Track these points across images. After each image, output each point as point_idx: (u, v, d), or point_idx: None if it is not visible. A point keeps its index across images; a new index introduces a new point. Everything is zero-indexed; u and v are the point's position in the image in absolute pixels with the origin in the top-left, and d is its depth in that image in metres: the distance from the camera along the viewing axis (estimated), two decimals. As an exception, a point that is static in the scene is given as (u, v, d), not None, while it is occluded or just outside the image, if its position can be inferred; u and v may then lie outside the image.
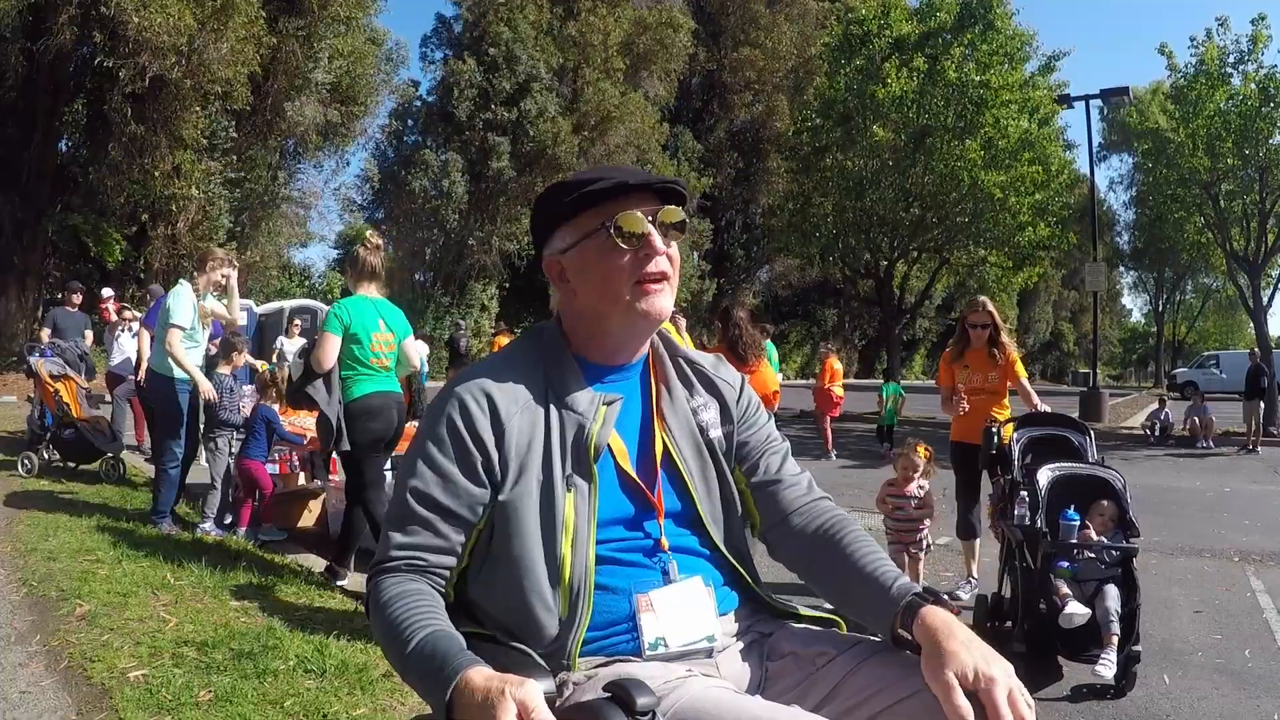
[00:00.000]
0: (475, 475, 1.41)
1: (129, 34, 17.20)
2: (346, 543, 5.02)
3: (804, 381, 32.07)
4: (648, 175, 1.48)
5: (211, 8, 18.27)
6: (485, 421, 1.43)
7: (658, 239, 1.45)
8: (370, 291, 5.02)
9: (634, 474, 1.49)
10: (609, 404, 1.48)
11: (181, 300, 6.01)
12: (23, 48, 18.31)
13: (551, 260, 1.53)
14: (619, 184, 1.43)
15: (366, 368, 4.85)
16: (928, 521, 5.23)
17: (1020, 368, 5.52)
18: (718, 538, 1.53)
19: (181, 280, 6.30)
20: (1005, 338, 5.54)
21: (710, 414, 1.60)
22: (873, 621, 1.41)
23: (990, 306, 5.64)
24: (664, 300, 1.47)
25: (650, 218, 1.45)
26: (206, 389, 6.05)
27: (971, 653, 1.21)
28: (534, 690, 1.13)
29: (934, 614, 1.29)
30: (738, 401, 1.66)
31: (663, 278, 1.47)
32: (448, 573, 1.43)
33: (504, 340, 15.74)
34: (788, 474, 1.63)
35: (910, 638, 1.30)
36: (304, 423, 6.53)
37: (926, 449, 5.31)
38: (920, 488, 5.19)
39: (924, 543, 5.18)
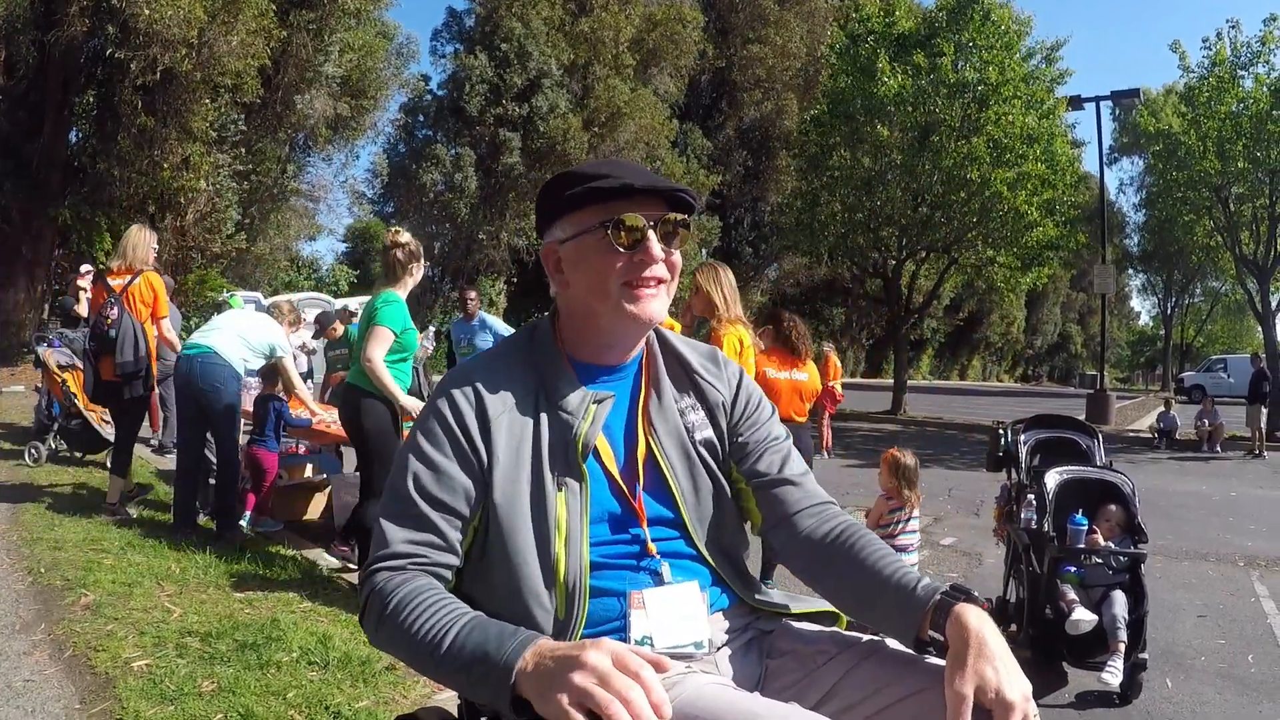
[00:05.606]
0: (468, 466, 1.41)
1: (140, 26, 17.20)
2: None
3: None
4: (657, 180, 1.47)
5: (222, 0, 18.29)
6: (472, 416, 1.43)
7: (655, 246, 1.44)
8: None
9: (619, 476, 1.48)
10: (599, 402, 1.48)
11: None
12: (34, 39, 18.33)
13: (550, 248, 1.52)
14: (625, 185, 1.42)
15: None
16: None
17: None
18: (700, 541, 1.51)
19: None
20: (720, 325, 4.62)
21: (697, 415, 1.58)
22: (894, 627, 1.35)
23: (701, 278, 4.70)
24: (655, 305, 1.46)
25: (652, 223, 1.44)
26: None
27: (997, 672, 1.17)
28: (618, 644, 1.13)
29: (968, 614, 1.24)
30: (734, 400, 1.63)
31: (656, 283, 1.46)
32: (449, 573, 1.41)
33: None
34: (791, 473, 1.59)
35: (941, 638, 1.26)
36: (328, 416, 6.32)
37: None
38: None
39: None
